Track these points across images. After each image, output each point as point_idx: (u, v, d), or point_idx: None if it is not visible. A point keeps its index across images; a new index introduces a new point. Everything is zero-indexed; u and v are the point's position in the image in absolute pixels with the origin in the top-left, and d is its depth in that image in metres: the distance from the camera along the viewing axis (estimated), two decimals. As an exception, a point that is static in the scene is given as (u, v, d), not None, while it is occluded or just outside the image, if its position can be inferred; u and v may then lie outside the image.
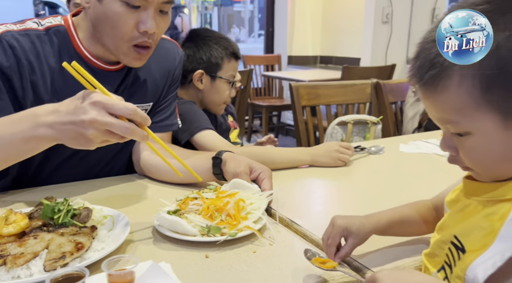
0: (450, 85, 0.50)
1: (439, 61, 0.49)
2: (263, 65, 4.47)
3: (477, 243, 0.52)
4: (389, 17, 3.61)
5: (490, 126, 0.49)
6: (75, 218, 0.74)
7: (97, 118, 0.67)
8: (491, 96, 0.48)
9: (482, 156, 0.52)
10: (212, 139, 1.23)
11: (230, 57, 1.37)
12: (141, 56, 0.95)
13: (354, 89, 1.99)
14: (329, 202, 1.03)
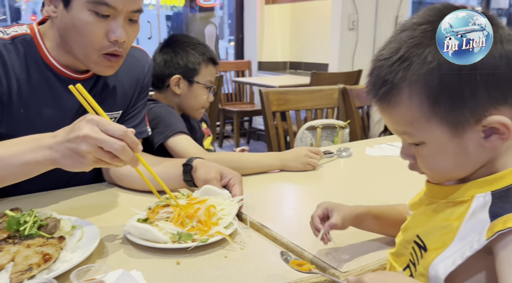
0: (401, 100, 0.53)
1: (390, 78, 0.52)
2: (234, 71, 4.49)
3: (438, 242, 0.55)
4: (355, 24, 3.72)
5: (441, 136, 0.53)
6: (42, 229, 0.72)
7: (90, 134, 0.68)
8: (438, 108, 0.51)
9: (436, 164, 0.55)
10: (185, 144, 1.23)
11: (207, 62, 1.38)
12: (112, 63, 0.95)
13: (321, 95, 2.03)
14: (299, 206, 1.05)
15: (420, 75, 0.51)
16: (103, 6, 0.87)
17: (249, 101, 4.50)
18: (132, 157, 0.71)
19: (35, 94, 0.95)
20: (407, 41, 0.52)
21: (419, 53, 0.51)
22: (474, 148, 0.53)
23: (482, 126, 0.51)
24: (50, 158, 0.73)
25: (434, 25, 0.52)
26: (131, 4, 0.89)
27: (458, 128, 0.52)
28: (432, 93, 0.51)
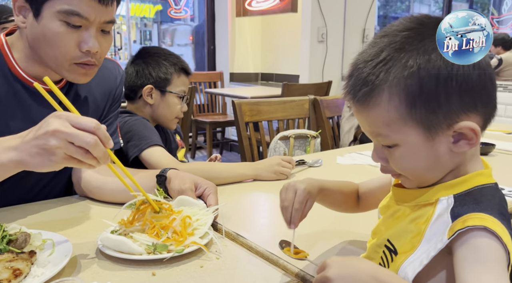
0: (380, 102, 0.55)
1: (371, 79, 0.55)
2: (206, 82, 4.49)
3: (407, 245, 0.58)
4: (324, 36, 3.82)
5: (415, 139, 0.55)
6: (12, 244, 0.70)
7: (59, 128, 0.65)
8: (415, 112, 0.53)
9: (409, 165, 0.58)
10: (159, 156, 1.23)
11: (179, 72, 1.40)
12: (87, 71, 0.93)
13: (293, 105, 2.07)
14: (273, 215, 1.06)
15: (400, 78, 0.53)
16: (75, 16, 0.86)
17: (222, 112, 4.51)
18: (104, 153, 0.67)
19: (2, 107, 0.93)
20: (388, 46, 0.54)
21: (400, 57, 0.53)
22: (444, 152, 0.55)
23: (452, 131, 0.54)
24: (16, 159, 0.69)
25: (415, 31, 0.54)
26: (103, 15, 0.89)
27: (432, 131, 0.54)
28: (410, 96, 0.53)
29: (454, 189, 0.56)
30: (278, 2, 4.00)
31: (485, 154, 1.53)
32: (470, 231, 0.50)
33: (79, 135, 0.65)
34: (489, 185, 0.57)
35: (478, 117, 0.55)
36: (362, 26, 4.03)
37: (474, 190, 0.56)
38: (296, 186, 0.72)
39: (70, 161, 0.68)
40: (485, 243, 0.49)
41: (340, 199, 0.80)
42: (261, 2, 4.15)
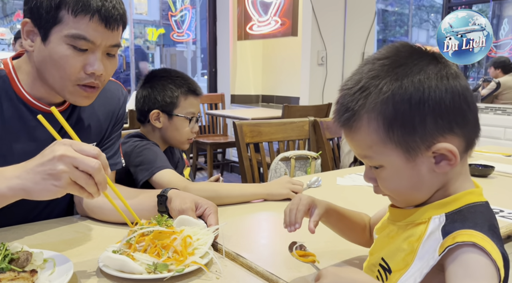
0: (361, 126, 0.58)
1: (351, 106, 0.58)
2: (207, 103, 4.54)
3: (400, 263, 0.59)
4: (324, 59, 3.88)
5: (396, 160, 0.58)
6: (13, 263, 0.71)
7: (66, 153, 0.68)
8: (392, 134, 0.57)
9: (394, 186, 0.60)
10: (169, 177, 1.24)
11: (186, 94, 1.40)
12: (89, 94, 0.95)
13: (293, 127, 2.09)
14: (273, 235, 1.07)
15: (376, 104, 0.56)
16: (82, 40, 0.88)
17: (223, 133, 4.54)
18: (104, 179, 0.71)
19: (7, 129, 0.95)
20: (367, 73, 0.58)
21: (376, 84, 0.57)
22: (427, 172, 0.58)
23: (432, 152, 0.56)
24: (18, 187, 0.71)
25: (390, 59, 0.58)
26: (109, 39, 0.92)
27: (411, 153, 0.57)
28: (387, 120, 0.56)
29: (446, 208, 0.58)
30: (278, 26, 4.08)
31: (485, 176, 1.53)
32: (460, 247, 0.52)
33: (85, 160, 0.69)
34: (479, 203, 0.58)
35: (457, 138, 0.57)
36: (362, 50, 4.11)
37: (465, 208, 0.57)
38: (301, 195, 0.77)
39: (73, 187, 0.71)
40: (474, 259, 0.51)
41: (347, 225, 0.81)
42: (262, 26, 4.24)
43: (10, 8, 8.03)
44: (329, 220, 0.79)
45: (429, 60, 0.58)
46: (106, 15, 0.89)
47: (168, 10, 5.62)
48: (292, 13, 3.93)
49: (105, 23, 0.89)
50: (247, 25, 4.39)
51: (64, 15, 0.87)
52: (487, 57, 6.52)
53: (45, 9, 0.88)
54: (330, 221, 0.80)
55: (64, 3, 0.87)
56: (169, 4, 5.55)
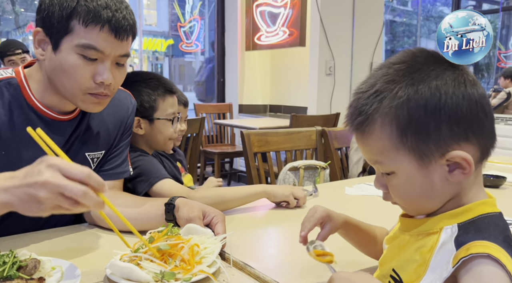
0: (374, 130, 0.57)
1: (365, 109, 0.57)
2: (215, 113, 4.56)
3: (412, 274, 0.58)
4: (332, 69, 3.89)
5: (409, 166, 0.57)
6: (21, 270, 0.71)
7: (50, 180, 0.63)
8: (406, 140, 0.56)
9: (405, 193, 0.59)
10: (170, 187, 1.23)
11: (163, 95, 1.34)
12: (100, 100, 0.96)
13: (300, 136, 2.09)
14: (281, 244, 1.06)
15: (391, 108, 0.55)
16: (92, 50, 0.90)
17: (230, 143, 4.54)
18: (95, 202, 0.66)
19: (17, 136, 0.96)
20: (382, 77, 0.57)
21: (391, 88, 0.56)
22: (439, 180, 0.56)
23: (446, 160, 0.55)
24: (5, 201, 0.68)
25: (407, 64, 0.57)
26: (118, 49, 0.93)
27: (424, 160, 0.56)
28: (401, 125, 0.55)
29: (458, 218, 0.57)
30: (286, 36, 4.11)
31: (496, 187, 1.51)
32: (474, 259, 0.50)
33: (69, 187, 0.64)
34: (493, 214, 0.57)
35: (472, 147, 0.55)
36: (370, 60, 4.11)
37: (478, 218, 0.56)
38: (317, 206, 0.76)
39: (59, 210, 0.67)
40: (489, 270, 0.49)
41: (365, 239, 0.80)
42: (270, 36, 4.27)
43: (23, 20, 8.20)
44: (347, 233, 0.79)
45: (446, 67, 0.57)
46: (116, 25, 0.90)
47: (177, 21, 5.68)
48: (300, 23, 3.95)
49: (115, 34, 0.90)
50: (255, 35, 4.43)
51: (75, 25, 0.89)
52: (496, 68, 6.47)
53: (57, 19, 0.89)
54: (348, 234, 0.79)
55: (76, 14, 0.88)
56: (178, 15, 5.62)
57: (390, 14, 9.27)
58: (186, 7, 5.54)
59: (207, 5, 6.79)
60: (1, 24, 8.65)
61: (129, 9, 0.95)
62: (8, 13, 8.43)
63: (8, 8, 8.40)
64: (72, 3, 0.88)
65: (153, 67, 10.95)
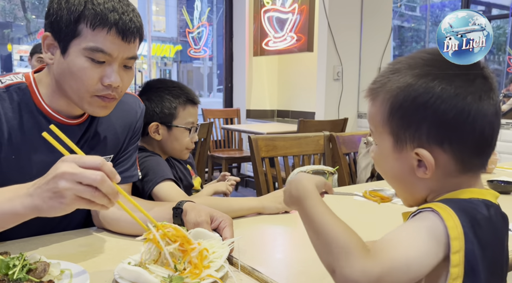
0: (376, 101, 0.61)
1: (380, 80, 0.62)
2: (223, 118, 4.58)
3: None
4: (340, 75, 3.88)
5: (387, 145, 0.61)
6: (31, 273, 0.72)
7: (67, 170, 0.68)
8: (391, 121, 0.60)
9: (381, 167, 0.65)
10: (168, 190, 1.24)
11: (184, 104, 1.37)
12: (106, 104, 0.96)
13: (308, 141, 2.08)
14: (289, 249, 1.05)
15: (393, 89, 0.59)
16: (99, 53, 0.90)
17: (238, 148, 4.55)
18: (112, 188, 0.69)
19: (26, 140, 0.97)
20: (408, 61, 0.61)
21: (405, 72, 0.59)
22: (408, 169, 0.60)
23: (415, 154, 0.58)
24: (31, 206, 0.71)
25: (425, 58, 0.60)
26: (126, 52, 0.93)
27: (398, 144, 0.60)
28: (393, 106, 0.59)
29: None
30: (294, 42, 4.11)
31: (507, 193, 1.49)
32: (419, 213, 0.55)
33: (86, 174, 0.67)
34: (474, 199, 0.58)
35: (444, 154, 0.57)
36: (378, 65, 4.10)
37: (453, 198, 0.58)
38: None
39: (80, 202, 0.70)
40: (427, 215, 0.54)
41: None
42: (278, 42, 4.28)
43: (34, 26, 8.33)
44: None
45: (467, 75, 0.56)
46: (123, 28, 0.91)
47: (185, 27, 5.73)
48: (308, 29, 3.96)
49: (122, 36, 0.91)
50: (263, 41, 4.44)
51: (82, 28, 0.90)
52: (506, 73, 6.41)
53: (65, 23, 0.90)
54: None
55: (83, 17, 0.89)
56: (187, 21, 5.67)
57: (398, 20, 9.25)
58: (195, 13, 5.59)
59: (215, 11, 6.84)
60: (13, 30, 8.79)
61: (135, 12, 0.95)
62: (19, 19, 8.58)
63: (20, 15, 8.55)
64: (79, 7, 0.89)
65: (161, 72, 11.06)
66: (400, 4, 9.90)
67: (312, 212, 0.59)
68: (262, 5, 4.40)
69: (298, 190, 0.63)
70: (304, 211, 0.61)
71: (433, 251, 0.51)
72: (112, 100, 0.97)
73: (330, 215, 0.58)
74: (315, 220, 0.58)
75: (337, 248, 0.53)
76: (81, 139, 1.05)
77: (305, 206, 0.61)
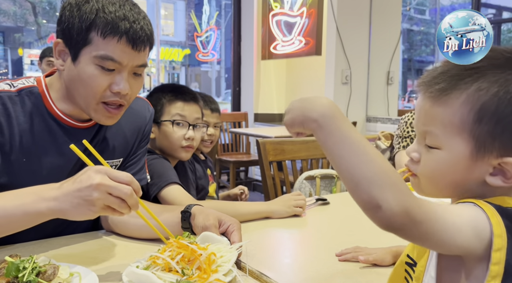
0: (451, 104, 0.54)
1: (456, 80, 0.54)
2: (230, 122, 4.58)
3: (421, 250, 0.59)
4: (348, 78, 3.87)
5: (461, 151, 0.54)
6: (41, 276, 0.72)
7: (102, 182, 0.74)
8: (477, 127, 0.53)
9: (437, 172, 0.57)
10: (175, 194, 1.24)
11: (171, 99, 1.36)
12: (112, 115, 0.98)
13: (316, 145, 2.08)
14: (298, 253, 1.05)
15: (483, 90, 0.52)
16: (109, 61, 0.91)
17: (245, 151, 4.55)
18: (136, 201, 0.78)
19: (37, 144, 0.97)
20: (488, 58, 0.53)
21: (494, 72, 0.52)
22: (476, 177, 0.54)
23: (498, 163, 0.53)
24: (56, 209, 0.77)
25: None
26: (136, 60, 0.94)
27: (480, 152, 0.53)
28: (482, 110, 0.52)
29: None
30: (302, 45, 4.11)
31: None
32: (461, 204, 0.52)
33: (119, 188, 0.75)
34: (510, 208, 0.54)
35: None
36: (387, 69, 4.08)
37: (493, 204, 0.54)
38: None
39: (107, 210, 0.77)
40: (471, 208, 0.50)
41: None
42: (286, 45, 4.29)
43: (45, 31, 8.44)
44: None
45: None
46: (133, 36, 0.91)
47: (194, 31, 5.77)
48: (316, 32, 3.96)
49: (132, 45, 0.92)
50: (271, 44, 4.45)
51: (93, 36, 0.90)
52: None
53: (76, 31, 0.91)
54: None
55: (94, 25, 0.90)
56: (195, 25, 5.70)
57: (408, 23, 9.21)
58: (203, 17, 5.62)
59: (224, 15, 6.87)
60: (24, 35, 8.92)
61: (147, 20, 0.96)
62: (30, 24, 8.70)
63: (31, 20, 8.68)
64: (91, 15, 0.90)
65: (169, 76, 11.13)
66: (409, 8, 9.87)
67: (350, 135, 0.50)
68: (270, 9, 4.41)
69: (322, 105, 0.54)
70: (335, 133, 0.52)
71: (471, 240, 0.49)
72: (118, 109, 0.98)
73: (368, 143, 0.51)
74: (355, 143, 0.50)
75: (388, 179, 0.47)
76: (91, 142, 1.05)
77: (338, 125, 0.52)
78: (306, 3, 4.03)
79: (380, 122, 3.89)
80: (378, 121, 3.91)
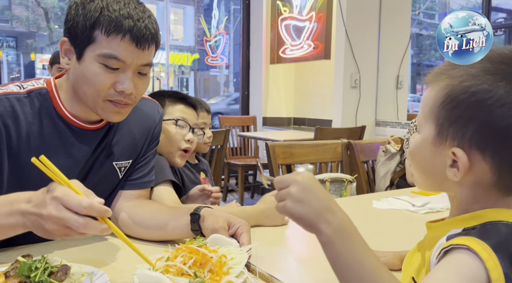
0: (434, 86, 0.57)
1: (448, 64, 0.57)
2: (239, 126, 4.59)
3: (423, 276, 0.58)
4: (357, 82, 3.85)
5: (428, 134, 0.57)
6: (52, 276, 0.72)
7: (52, 213, 0.71)
8: (440, 111, 0.55)
9: (413, 155, 0.61)
10: (162, 194, 1.23)
11: (173, 101, 1.38)
12: (119, 109, 0.96)
13: (325, 148, 2.07)
14: (307, 256, 1.04)
15: (455, 80, 0.54)
16: (113, 59, 0.90)
17: (254, 155, 4.55)
18: (100, 229, 0.72)
19: (46, 145, 0.97)
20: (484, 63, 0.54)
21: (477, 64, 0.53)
22: (440, 166, 0.56)
23: (451, 152, 0.54)
24: (22, 224, 0.76)
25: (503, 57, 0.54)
26: (140, 59, 0.93)
27: (439, 137, 0.56)
28: (448, 95, 0.55)
29: (466, 223, 0.56)
30: (311, 49, 4.11)
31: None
32: (454, 249, 0.50)
33: (70, 221, 0.70)
34: (501, 222, 0.53)
35: (483, 163, 0.53)
36: (396, 73, 4.06)
37: (483, 224, 0.54)
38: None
39: (68, 237, 0.75)
40: (465, 258, 0.48)
41: None
42: (295, 50, 4.29)
43: (57, 36, 8.56)
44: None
45: None
46: (137, 35, 0.91)
47: (203, 36, 5.80)
48: (325, 36, 3.96)
49: (136, 43, 0.91)
50: (280, 49, 4.46)
51: (97, 35, 0.90)
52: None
53: (81, 29, 0.91)
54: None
55: (98, 24, 0.90)
56: (204, 29, 5.73)
57: (417, 27, 9.17)
58: (212, 22, 5.65)
59: (233, 19, 6.90)
60: (36, 40, 9.05)
61: (152, 18, 0.95)
62: (43, 29, 8.83)
63: (43, 25, 8.81)
64: (95, 13, 0.90)
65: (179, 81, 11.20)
66: (419, 12, 9.83)
67: (363, 262, 0.52)
68: (279, 13, 4.42)
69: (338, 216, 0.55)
70: (346, 254, 0.53)
71: None
72: (125, 106, 0.97)
73: (379, 269, 0.51)
74: (367, 273, 0.50)
75: None
76: (100, 144, 1.06)
77: (351, 247, 0.53)
78: (315, 7, 4.03)
79: (390, 126, 3.86)
80: (387, 125, 3.89)
